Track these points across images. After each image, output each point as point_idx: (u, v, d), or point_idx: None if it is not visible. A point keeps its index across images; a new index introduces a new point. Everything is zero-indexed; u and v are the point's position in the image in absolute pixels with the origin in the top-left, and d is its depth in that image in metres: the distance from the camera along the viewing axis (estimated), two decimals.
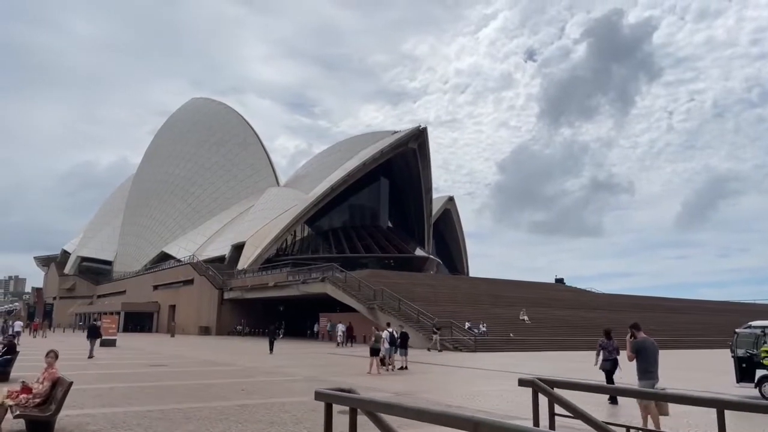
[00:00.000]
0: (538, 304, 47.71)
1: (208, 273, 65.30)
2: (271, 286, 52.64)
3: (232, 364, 21.85)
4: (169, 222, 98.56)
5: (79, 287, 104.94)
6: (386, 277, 47.66)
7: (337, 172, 70.41)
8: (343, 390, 4.96)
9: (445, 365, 23.58)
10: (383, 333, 19.80)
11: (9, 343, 15.19)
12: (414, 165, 72.15)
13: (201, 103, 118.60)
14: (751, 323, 15.59)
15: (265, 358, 26.20)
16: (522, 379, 6.22)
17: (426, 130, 69.93)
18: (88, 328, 28.37)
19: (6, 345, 15.15)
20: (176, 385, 14.72)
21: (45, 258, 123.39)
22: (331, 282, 44.73)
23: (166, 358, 25.53)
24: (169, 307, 72.22)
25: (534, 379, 5.99)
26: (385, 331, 20.11)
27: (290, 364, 23.09)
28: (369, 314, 40.09)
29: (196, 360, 24.16)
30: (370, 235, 69.10)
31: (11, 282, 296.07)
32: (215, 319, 61.33)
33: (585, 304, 53.32)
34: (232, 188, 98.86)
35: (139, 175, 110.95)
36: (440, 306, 40.34)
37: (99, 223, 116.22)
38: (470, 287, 51.08)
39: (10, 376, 14.78)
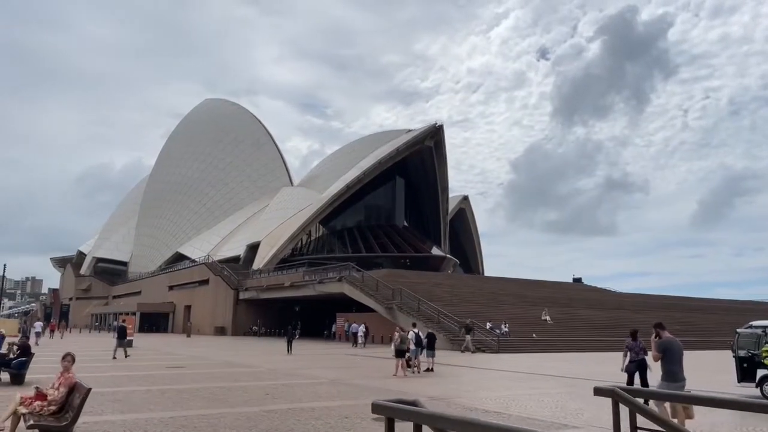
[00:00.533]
0: (559, 304, 46.73)
1: (224, 273, 64.95)
2: (287, 286, 52.09)
3: (252, 366, 21.22)
4: (184, 223, 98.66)
5: (94, 288, 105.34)
6: (404, 276, 46.89)
7: (353, 171, 69.73)
8: (405, 401, 4.24)
9: (471, 367, 22.81)
10: (409, 334, 19.05)
11: (23, 345, 14.64)
12: (430, 163, 71.24)
13: (214, 104, 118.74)
14: (752, 323, 15.59)
15: (285, 359, 25.58)
16: (600, 388, 5.45)
17: (442, 128, 69.07)
18: (117, 329, 28.37)
19: (20, 347, 14.60)
20: (197, 388, 14.08)
21: (61, 259, 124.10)
22: (348, 282, 44.06)
23: (183, 359, 25.00)
24: (185, 307, 71.99)
25: (614, 387, 5.21)
26: (410, 331, 19.36)
27: (311, 365, 22.43)
28: (387, 314, 39.37)
29: (215, 361, 23.57)
30: (385, 235, 68.31)
31: (28, 283, 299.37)
32: (231, 319, 60.93)
33: (606, 304, 52.19)
34: (245, 188, 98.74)
35: (154, 176, 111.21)
36: (460, 306, 39.51)
37: (114, 224, 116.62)
38: (490, 287, 50.18)
39: (25, 379, 14.24)
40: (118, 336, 27.32)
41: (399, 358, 18.57)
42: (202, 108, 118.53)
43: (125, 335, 27.75)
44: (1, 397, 11.66)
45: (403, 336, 18.87)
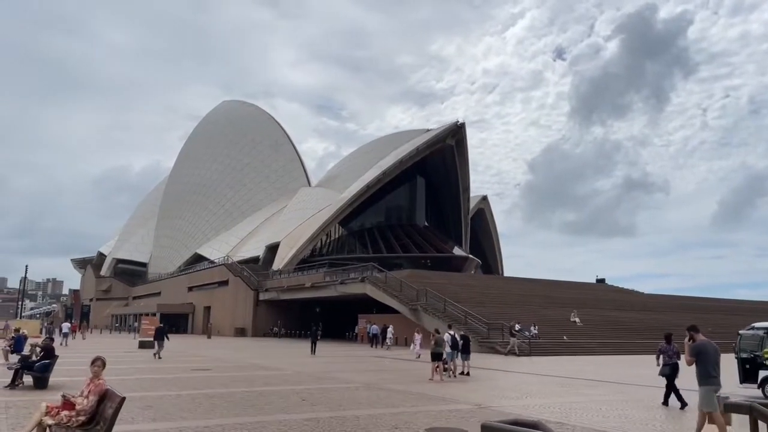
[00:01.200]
0: (586, 305, 45.52)
1: (243, 274, 64.53)
2: (308, 287, 51.44)
3: (280, 368, 20.46)
4: (202, 224, 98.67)
5: (114, 289, 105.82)
6: (427, 277, 45.95)
7: (373, 170, 68.91)
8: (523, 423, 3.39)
9: (506, 371, 21.87)
10: (445, 336, 18.14)
11: (47, 346, 13.99)
12: (451, 162, 70.14)
13: (232, 106, 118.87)
14: (754, 325, 15.56)
15: (312, 362, 24.85)
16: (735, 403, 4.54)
17: (464, 126, 67.91)
18: (156, 330, 29.03)
19: (44, 348, 13.96)
20: (229, 393, 13.34)
21: (81, 260, 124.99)
22: (371, 282, 43.26)
23: (208, 361, 24.36)
24: (204, 308, 71.77)
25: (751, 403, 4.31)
26: (446, 333, 18.43)
27: (339, 368, 21.63)
28: (412, 316, 38.49)
29: (240, 363, 22.88)
30: (406, 235, 67.36)
31: (49, 284, 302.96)
32: (251, 320, 60.46)
33: (633, 305, 50.82)
34: (263, 189, 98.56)
35: (173, 177, 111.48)
36: (486, 307, 38.50)
37: (134, 225, 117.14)
38: (515, 288, 49.08)
39: (48, 382, 13.61)
40: (156, 336, 27.82)
41: (435, 362, 17.72)
42: (220, 110, 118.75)
43: (164, 336, 28.07)
44: (24, 403, 11.00)
45: (439, 339, 17.99)
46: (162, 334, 27.89)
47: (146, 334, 34.79)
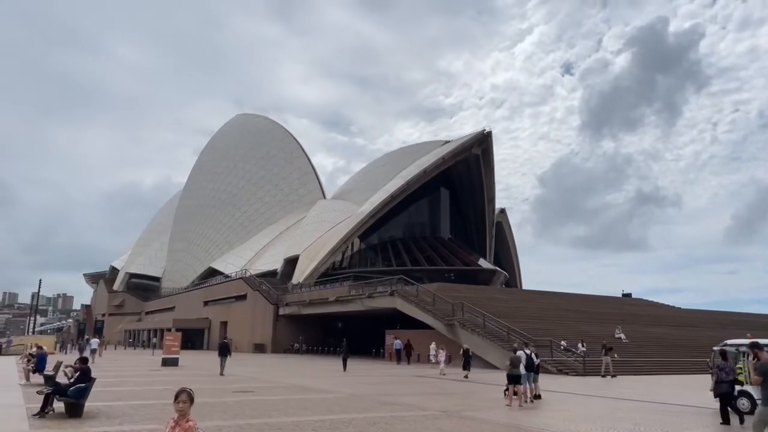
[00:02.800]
0: (625, 321, 43.21)
1: (262, 288, 62.67)
2: (332, 301, 49.43)
3: (330, 390, 18.46)
4: (217, 237, 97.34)
5: (127, 304, 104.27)
6: (457, 290, 43.85)
7: (396, 180, 67.14)
8: None
9: (577, 393, 19.79)
10: (519, 354, 16.09)
11: (82, 367, 12.11)
12: (476, 172, 68.21)
13: (246, 119, 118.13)
14: (726, 342, 16.08)
15: (354, 381, 22.85)
16: None
17: (491, 135, 66.15)
18: (219, 346, 28.42)
19: (79, 369, 12.09)
20: (296, 423, 11.39)
21: (94, 275, 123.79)
22: (401, 296, 41.20)
23: (244, 381, 22.40)
24: (221, 323, 69.87)
25: None
26: (520, 352, 16.37)
27: (395, 390, 19.61)
28: (448, 332, 36.40)
29: (282, 384, 20.91)
30: (431, 247, 65.32)
31: (59, 299, 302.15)
32: (270, 336, 58.50)
33: (674, 320, 48.53)
34: (278, 202, 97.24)
35: (187, 191, 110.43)
36: (524, 323, 36.29)
37: (147, 240, 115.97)
38: (547, 302, 46.81)
39: (84, 410, 11.74)
40: (220, 352, 27.30)
41: (511, 385, 15.65)
42: (235, 123, 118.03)
43: (228, 352, 27.50)
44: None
45: (514, 358, 15.94)
46: (226, 350, 27.21)
47: (170, 350, 32.83)
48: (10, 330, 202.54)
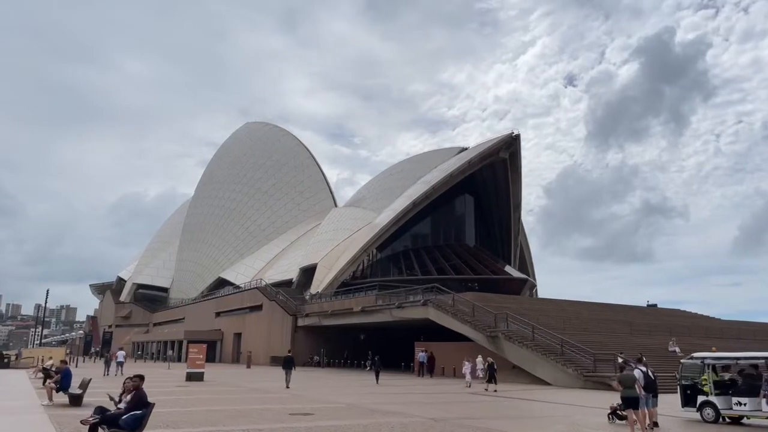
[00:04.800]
0: (672, 332, 40.64)
1: (279, 298, 60.16)
2: (357, 312, 46.92)
3: (401, 413, 15.94)
4: (226, 247, 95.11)
5: (135, 315, 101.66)
6: (492, 300, 41.26)
7: (418, 186, 64.77)
8: None
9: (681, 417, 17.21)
10: (635, 372, 13.56)
11: (135, 387, 9.64)
12: (503, 177, 65.73)
13: (255, 128, 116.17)
14: (693, 354, 16.89)
15: (413, 401, 20.37)
16: None
17: (519, 138, 63.64)
18: (284, 359, 28.24)
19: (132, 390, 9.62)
20: None
21: (100, 285, 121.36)
22: (435, 306, 38.67)
23: (292, 400, 19.90)
24: (234, 335, 67.32)
25: None
26: (636, 369, 13.84)
27: (471, 412, 17.15)
28: (490, 344, 33.82)
29: (337, 404, 18.40)
30: (456, 255, 62.73)
31: (63, 311, 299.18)
32: (289, 348, 55.74)
33: (719, 332, 45.87)
34: (289, 211, 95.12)
35: (195, 200, 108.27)
36: (573, 335, 33.70)
37: (155, 249, 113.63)
38: (586, 312, 44.23)
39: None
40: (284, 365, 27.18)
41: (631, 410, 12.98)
42: (243, 132, 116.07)
43: (293, 365, 27.41)
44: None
45: (627, 377, 13.39)
46: (291, 363, 27.04)
47: (194, 364, 30.35)
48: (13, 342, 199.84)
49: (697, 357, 16.39)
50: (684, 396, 15.99)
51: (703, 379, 15.55)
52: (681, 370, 16.51)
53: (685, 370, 16.35)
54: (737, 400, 14.89)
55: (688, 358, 16.78)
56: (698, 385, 15.73)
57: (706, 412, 15.23)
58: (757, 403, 14.45)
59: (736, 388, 15.21)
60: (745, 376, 15.56)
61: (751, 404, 14.57)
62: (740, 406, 14.80)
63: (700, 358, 16.21)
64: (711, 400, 15.20)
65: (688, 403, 15.81)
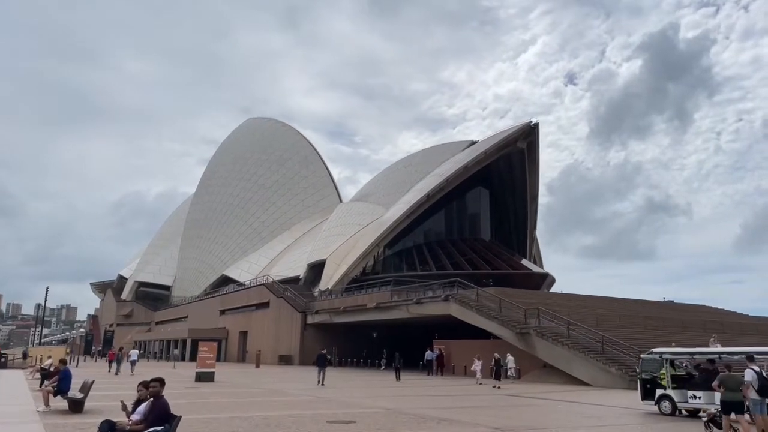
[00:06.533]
0: (706, 329, 38.46)
1: (287, 294, 57.89)
2: (371, 308, 44.67)
3: (461, 422, 13.69)
4: (230, 244, 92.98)
5: (136, 313, 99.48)
6: (514, 295, 38.85)
7: (431, 179, 62.46)
8: None
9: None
10: (747, 372, 11.31)
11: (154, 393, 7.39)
12: (519, 168, 63.28)
13: (258, 123, 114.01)
14: (653, 350, 17.45)
15: (451, 405, 18.16)
16: None
17: (537, 127, 61.10)
18: (317, 357, 28.26)
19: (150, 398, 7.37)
20: None
21: (101, 284, 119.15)
22: (457, 302, 36.38)
23: (323, 404, 17.67)
24: (240, 333, 65.12)
25: None
26: (748, 369, 11.56)
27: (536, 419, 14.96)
28: (519, 341, 31.59)
29: (374, 408, 16.16)
30: (472, 249, 60.39)
31: (63, 311, 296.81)
32: (298, 346, 53.64)
33: (752, 329, 43.55)
34: (293, 207, 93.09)
35: (197, 197, 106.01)
36: (609, 331, 31.40)
37: (156, 247, 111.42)
38: (616, 308, 41.86)
39: None
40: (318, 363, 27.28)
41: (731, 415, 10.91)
42: (246, 127, 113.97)
43: (326, 363, 27.38)
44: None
45: (733, 378, 11.20)
46: (324, 361, 27.02)
47: (204, 364, 28.15)
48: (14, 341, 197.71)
49: (656, 352, 16.93)
50: (643, 390, 16.58)
51: (661, 374, 16.10)
52: (641, 365, 17.12)
53: (645, 365, 16.88)
54: (692, 393, 15.36)
55: (648, 354, 17.30)
56: (657, 379, 16.24)
57: (663, 405, 15.75)
58: (711, 396, 14.40)
59: (692, 382, 15.68)
60: (701, 370, 15.91)
61: (706, 397, 14.84)
62: (695, 399, 15.28)
63: (659, 353, 16.73)
64: (668, 394, 15.76)
65: (647, 396, 16.39)
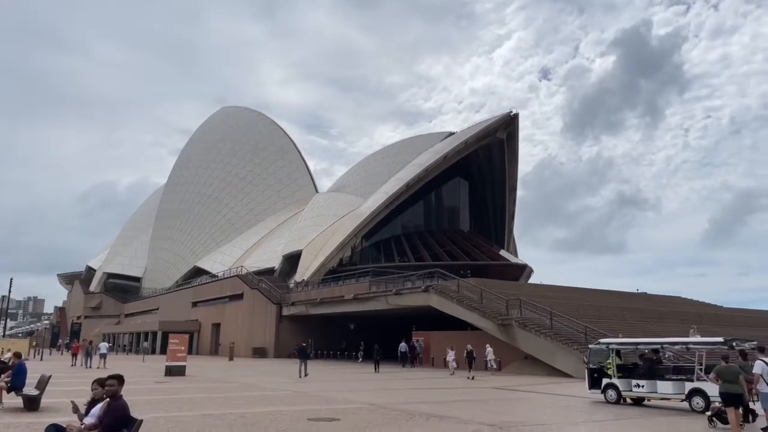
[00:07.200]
0: (686, 320, 38.40)
1: (261, 286, 56.59)
2: (349, 299, 43.74)
3: (450, 418, 12.85)
4: (202, 235, 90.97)
5: (105, 306, 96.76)
6: (495, 287, 38.27)
7: (410, 168, 61.49)
8: None
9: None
10: (757, 364, 10.67)
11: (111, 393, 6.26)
12: (498, 159, 62.70)
13: (232, 112, 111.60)
14: (600, 340, 18.11)
15: (445, 399, 17.36)
16: None
17: (517, 117, 60.58)
18: (298, 350, 28.86)
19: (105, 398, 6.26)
20: None
21: (69, 275, 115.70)
22: (438, 292, 35.65)
23: (302, 400, 16.68)
24: (213, 325, 63.60)
25: None
26: (759, 361, 10.92)
27: (529, 414, 14.21)
28: (500, 333, 31.04)
29: (358, 403, 15.24)
30: (451, 240, 59.70)
31: (30, 303, 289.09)
32: (273, 339, 52.46)
33: (728, 320, 43.79)
34: (268, 198, 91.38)
35: (169, 187, 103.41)
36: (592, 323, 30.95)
37: (126, 238, 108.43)
38: (592, 299, 41.62)
39: None
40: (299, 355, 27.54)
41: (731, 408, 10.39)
42: (220, 116, 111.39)
43: (307, 355, 27.66)
44: None
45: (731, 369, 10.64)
46: (305, 353, 27.28)
47: (175, 357, 26.85)
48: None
49: (603, 342, 17.43)
50: (591, 379, 16.97)
51: (608, 364, 16.49)
52: (589, 355, 17.58)
53: (593, 355, 17.29)
54: (636, 382, 15.87)
55: (595, 344, 17.79)
56: (604, 368, 16.63)
57: (609, 393, 16.27)
58: (653, 385, 15.39)
59: (636, 372, 16.19)
60: (645, 360, 16.37)
61: (649, 386, 15.54)
62: (639, 387, 15.81)
63: (606, 343, 17.24)
64: (614, 383, 16.27)
65: (594, 385, 16.80)
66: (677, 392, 14.86)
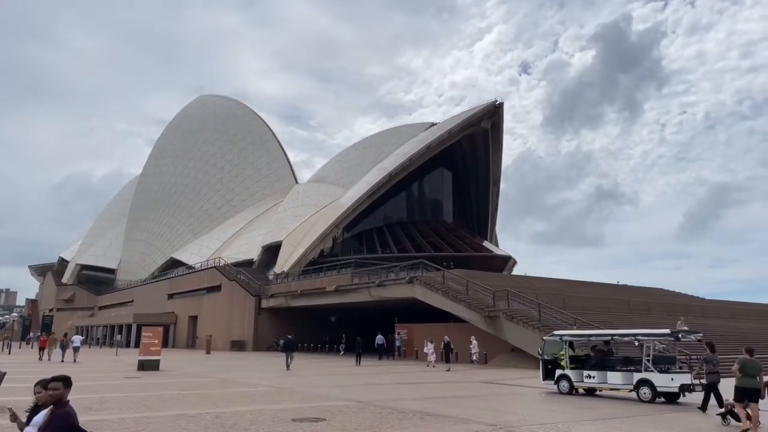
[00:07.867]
0: (672, 312, 38.14)
1: (240, 278, 55.17)
2: (330, 291, 42.62)
3: (445, 416, 11.89)
4: (179, 226, 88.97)
5: (78, 298, 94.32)
6: (481, 278, 37.51)
7: (393, 158, 60.35)
8: None
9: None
10: None
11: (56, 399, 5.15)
12: (482, 149, 61.84)
13: (210, 100, 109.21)
14: (554, 332, 18.59)
15: (432, 394, 16.42)
16: None
17: (502, 107, 59.71)
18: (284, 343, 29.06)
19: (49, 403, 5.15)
20: None
21: (41, 267, 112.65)
22: (422, 284, 34.72)
23: (285, 398, 15.59)
24: (189, 318, 62.04)
25: None
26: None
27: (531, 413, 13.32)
28: (487, 325, 30.26)
29: (347, 402, 14.19)
30: (434, 231, 58.80)
31: (2, 295, 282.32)
32: (252, 331, 51.19)
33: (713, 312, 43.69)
34: (246, 189, 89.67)
35: (145, 177, 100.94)
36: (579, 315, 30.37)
37: (100, 229, 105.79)
38: (579, 291, 41.19)
39: None
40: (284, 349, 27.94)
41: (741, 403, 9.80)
42: (196, 105, 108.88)
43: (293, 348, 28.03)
44: None
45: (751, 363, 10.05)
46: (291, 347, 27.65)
47: (148, 351, 25.51)
48: None
49: (557, 334, 17.75)
50: (545, 370, 17.24)
51: (561, 355, 16.83)
52: (543, 346, 17.73)
53: (547, 347, 17.50)
54: (587, 373, 16.16)
55: (549, 336, 18.06)
56: (558, 360, 16.92)
57: (561, 384, 16.53)
58: (604, 375, 15.72)
59: (589, 363, 16.49)
60: (597, 351, 16.67)
61: (599, 377, 15.83)
62: (590, 378, 16.07)
63: (559, 335, 17.55)
64: (566, 374, 16.53)
65: (548, 376, 17.08)
66: (626, 383, 15.18)
